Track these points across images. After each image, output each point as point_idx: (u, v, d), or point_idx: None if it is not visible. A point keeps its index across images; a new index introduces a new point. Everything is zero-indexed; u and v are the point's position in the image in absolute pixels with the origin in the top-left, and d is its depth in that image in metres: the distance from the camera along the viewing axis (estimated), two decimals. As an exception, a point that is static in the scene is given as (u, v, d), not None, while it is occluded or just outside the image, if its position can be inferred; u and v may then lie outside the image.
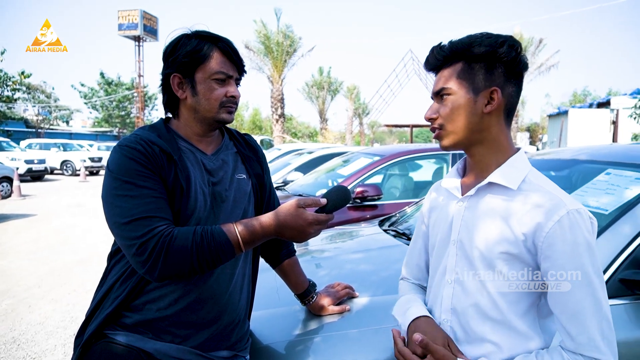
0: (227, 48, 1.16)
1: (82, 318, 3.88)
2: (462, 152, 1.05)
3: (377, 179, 4.58)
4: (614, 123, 11.19)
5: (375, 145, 33.21)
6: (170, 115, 1.24)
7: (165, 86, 1.20)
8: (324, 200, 1.11)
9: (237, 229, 1.06)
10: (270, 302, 1.60)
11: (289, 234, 1.09)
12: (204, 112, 1.16)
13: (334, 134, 32.87)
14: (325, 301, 1.47)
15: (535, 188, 0.95)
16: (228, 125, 1.30)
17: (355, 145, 26.78)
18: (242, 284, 1.27)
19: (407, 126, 38.00)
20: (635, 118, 8.99)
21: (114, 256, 1.16)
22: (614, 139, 11.14)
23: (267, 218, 1.09)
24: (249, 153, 1.33)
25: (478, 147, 1.01)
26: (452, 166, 4.41)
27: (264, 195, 1.34)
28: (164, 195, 1.07)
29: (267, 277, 1.58)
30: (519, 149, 1.03)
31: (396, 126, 41.39)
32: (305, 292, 1.47)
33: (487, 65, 0.96)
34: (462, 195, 1.04)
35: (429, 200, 1.20)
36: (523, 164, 0.99)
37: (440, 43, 1.01)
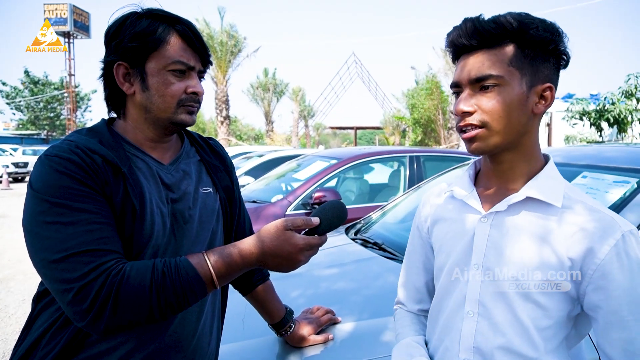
0: (187, 32, 0.92)
1: (4, 349, 3.38)
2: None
3: (332, 183, 4.44)
4: (549, 125, 11.95)
5: (320, 147, 33.30)
6: (114, 114, 0.99)
7: (108, 77, 0.94)
8: (316, 220, 0.91)
9: (209, 261, 0.84)
10: (239, 332, 1.37)
11: (274, 263, 0.88)
12: (157, 112, 0.92)
13: (281, 136, 32.56)
14: (305, 330, 1.27)
15: (578, 204, 0.80)
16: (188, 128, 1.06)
17: (301, 147, 26.67)
18: (212, 322, 1.04)
19: (351, 128, 38.60)
20: (567, 121, 9.65)
21: (42, 299, 0.89)
22: (549, 141, 11.88)
23: (248, 245, 0.87)
24: (215, 161, 1.10)
25: (510, 153, 0.84)
26: (409, 169, 4.37)
27: (234, 212, 1.11)
28: (110, 220, 0.82)
29: (234, 300, 1.35)
30: (547, 156, 0.88)
31: (340, 128, 41.93)
32: (282, 321, 1.25)
33: (543, 55, 0.79)
34: (485, 209, 0.87)
35: (428, 211, 1.02)
36: (559, 176, 0.85)
37: (480, 15, 0.80)
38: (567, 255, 0.77)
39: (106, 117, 1.00)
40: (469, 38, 0.80)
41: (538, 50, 0.79)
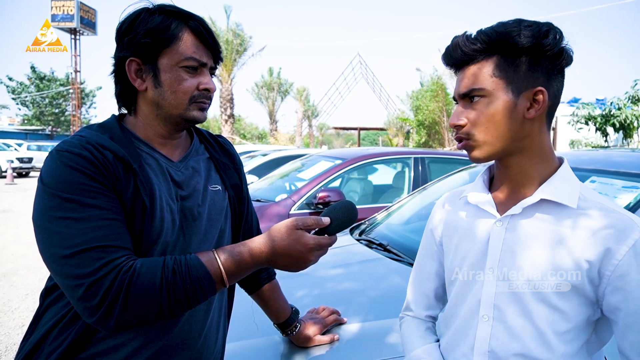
0: (200, 28, 0.92)
1: (7, 343, 3.38)
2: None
3: (336, 183, 4.43)
4: (554, 129, 11.95)
5: (323, 147, 33.31)
6: (124, 111, 0.99)
7: (119, 73, 0.94)
8: (326, 220, 0.90)
9: (219, 259, 0.83)
10: (244, 331, 1.37)
11: (283, 262, 0.87)
12: (169, 108, 0.92)
13: (284, 135, 32.58)
14: (311, 330, 1.26)
15: (595, 205, 0.79)
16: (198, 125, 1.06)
17: (304, 147, 26.67)
18: (219, 320, 1.04)
19: (355, 129, 38.60)
20: (573, 125, 9.64)
21: (50, 294, 0.88)
22: (554, 145, 11.87)
23: (258, 244, 0.86)
24: (224, 159, 1.10)
25: (516, 157, 0.84)
26: (413, 171, 4.35)
27: (242, 210, 1.11)
28: (120, 217, 0.81)
29: (240, 299, 1.35)
30: (562, 159, 0.87)
31: (344, 129, 41.93)
32: (287, 321, 1.25)
33: (529, 60, 0.79)
34: (500, 213, 0.86)
35: (442, 215, 1.02)
36: (573, 178, 0.84)
37: (466, 32, 0.84)
38: (584, 257, 0.77)
39: (116, 113, 1.00)
40: (455, 55, 0.84)
41: (523, 56, 0.79)
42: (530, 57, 0.79)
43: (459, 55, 0.84)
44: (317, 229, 0.90)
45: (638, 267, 0.73)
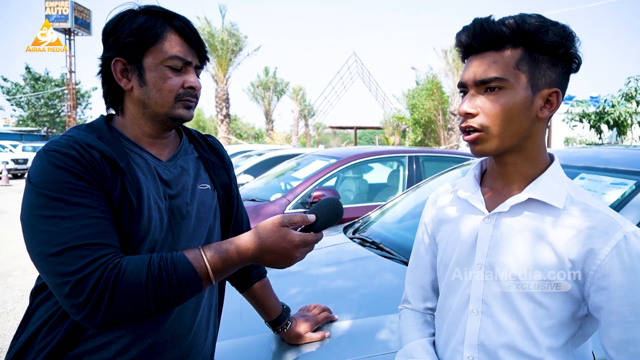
0: (184, 28, 0.94)
1: (2, 344, 3.36)
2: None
3: (331, 182, 4.44)
4: (548, 127, 12.00)
5: (320, 146, 33.30)
6: (112, 111, 1.00)
7: (106, 74, 0.95)
8: (312, 217, 0.91)
9: (205, 256, 0.84)
10: (235, 329, 1.37)
11: (270, 259, 0.88)
12: (155, 107, 0.93)
13: (281, 135, 32.55)
14: (302, 328, 1.27)
15: (581, 205, 0.80)
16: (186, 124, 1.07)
17: (301, 146, 26.69)
18: (209, 318, 1.04)
19: (351, 128, 38.66)
20: (567, 122, 9.71)
21: (40, 292, 0.89)
22: (548, 143, 11.93)
23: (244, 241, 0.87)
24: (213, 158, 1.11)
25: (515, 156, 0.84)
26: (408, 169, 4.37)
27: (232, 209, 1.12)
28: (107, 215, 0.82)
29: (230, 297, 1.35)
30: (552, 157, 0.87)
31: (341, 128, 41.98)
32: (278, 318, 1.26)
33: (550, 59, 0.78)
34: (489, 210, 0.87)
35: (434, 211, 1.02)
36: (563, 177, 0.84)
37: (491, 16, 0.80)
38: (568, 257, 0.78)
39: (105, 114, 1.01)
40: (477, 39, 0.80)
41: (546, 54, 0.78)
42: (552, 56, 0.79)
43: (483, 38, 0.78)
44: (303, 226, 0.91)
45: (622, 268, 0.74)
